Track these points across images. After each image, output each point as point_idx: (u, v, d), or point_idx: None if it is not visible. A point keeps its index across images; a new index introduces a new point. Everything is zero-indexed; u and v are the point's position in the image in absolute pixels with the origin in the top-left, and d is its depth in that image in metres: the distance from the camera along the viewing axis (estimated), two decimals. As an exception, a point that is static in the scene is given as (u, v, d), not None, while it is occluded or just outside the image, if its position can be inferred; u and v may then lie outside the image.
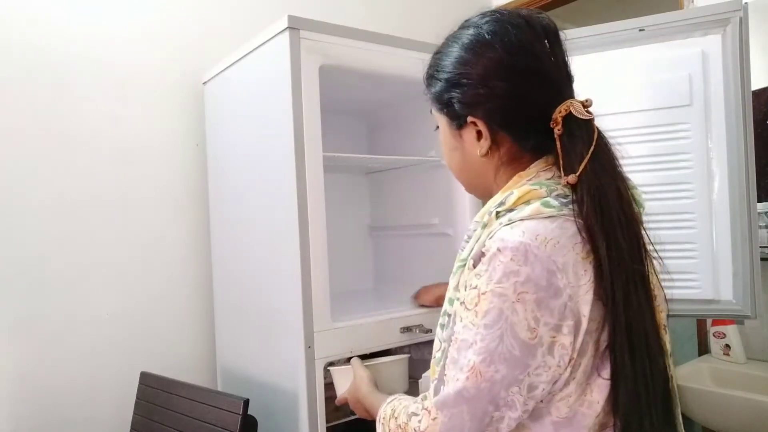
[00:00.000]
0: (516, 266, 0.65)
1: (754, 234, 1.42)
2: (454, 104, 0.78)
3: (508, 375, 0.66)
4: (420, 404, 0.74)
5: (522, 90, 0.74)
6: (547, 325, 0.65)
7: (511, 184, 0.76)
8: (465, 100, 0.77)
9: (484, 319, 0.66)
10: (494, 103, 0.75)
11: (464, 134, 0.80)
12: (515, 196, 0.73)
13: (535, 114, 0.74)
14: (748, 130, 1.41)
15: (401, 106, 1.83)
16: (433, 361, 0.79)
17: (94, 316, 1.58)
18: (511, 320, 0.65)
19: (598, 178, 0.69)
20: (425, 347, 1.52)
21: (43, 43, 1.52)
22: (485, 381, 0.66)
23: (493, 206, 0.75)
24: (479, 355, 0.66)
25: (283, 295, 1.33)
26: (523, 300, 0.65)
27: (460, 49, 0.77)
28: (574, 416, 0.68)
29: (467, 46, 0.77)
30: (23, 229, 1.48)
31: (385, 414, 0.83)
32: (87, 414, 1.55)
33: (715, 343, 1.93)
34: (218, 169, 1.68)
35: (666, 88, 1.48)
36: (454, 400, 0.68)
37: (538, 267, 0.65)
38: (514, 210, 0.72)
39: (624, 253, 0.67)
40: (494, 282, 0.66)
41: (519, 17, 0.76)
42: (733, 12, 1.41)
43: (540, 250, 0.66)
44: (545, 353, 0.66)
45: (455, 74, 0.77)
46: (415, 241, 1.84)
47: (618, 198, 0.69)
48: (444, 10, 2.28)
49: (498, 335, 0.65)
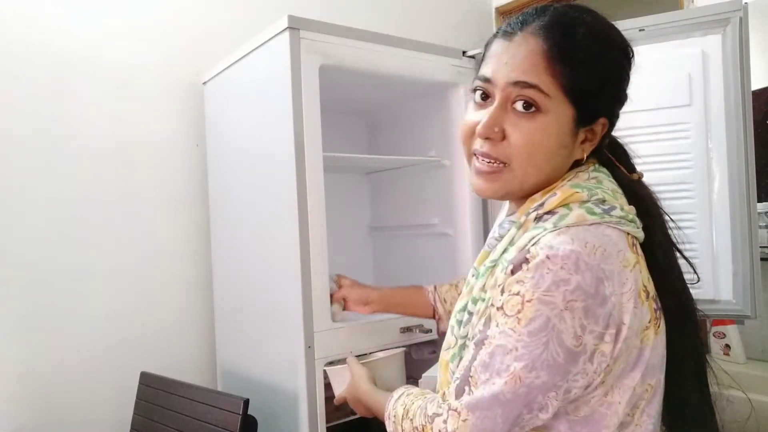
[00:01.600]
0: (567, 275, 0.64)
1: (754, 234, 1.42)
2: (600, 100, 0.74)
3: (548, 381, 0.65)
4: (442, 404, 0.72)
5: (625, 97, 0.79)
6: (593, 333, 0.65)
7: (554, 185, 0.75)
8: (609, 99, 0.76)
9: (528, 326, 0.65)
10: (620, 107, 0.78)
11: (581, 133, 0.75)
12: (558, 198, 0.72)
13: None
14: (748, 130, 1.41)
15: (401, 106, 1.83)
16: (446, 355, 0.78)
17: (93, 315, 1.58)
18: (558, 328, 0.64)
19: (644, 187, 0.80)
20: (425, 347, 1.52)
21: (43, 43, 1.52)
22: (524, 386, 0.65)
23: (533, 207, 0.74)
24: (521, 361, 0.65)
25: (283, 295, 1.33)
26: (572, 308, 0.64)
27: (611, 44, 0.75)
28: (591, 415, 0.69)
29: (617, 42, 0.75)
30: (22, 228, 1.48)
31: (396, 412, 0.81)
32: (87, 414, 1.55)
33: (715, 343, 1.93)
34: (218, 169, 1.68)
35: (666, 88, 1.48)
36: (488, 403, 0.67)
37: (588, 275, 0.65)
38: (555, 213, 0.71)
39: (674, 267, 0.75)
40: (542, 290, 0.65)
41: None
42: (733, 12, 1.41)
43: (590, 258, 0.65)
44: (586, 360, 0.66)
45: (614, 70, 0.75)
46: (415, 241, 1.84)
47: (658, 206, 0.80)
48: (444, 10, 2.28)
49: (543, 342, 0.65)
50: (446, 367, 0.78)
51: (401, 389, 0.86)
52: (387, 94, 1.74)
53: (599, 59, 0.72)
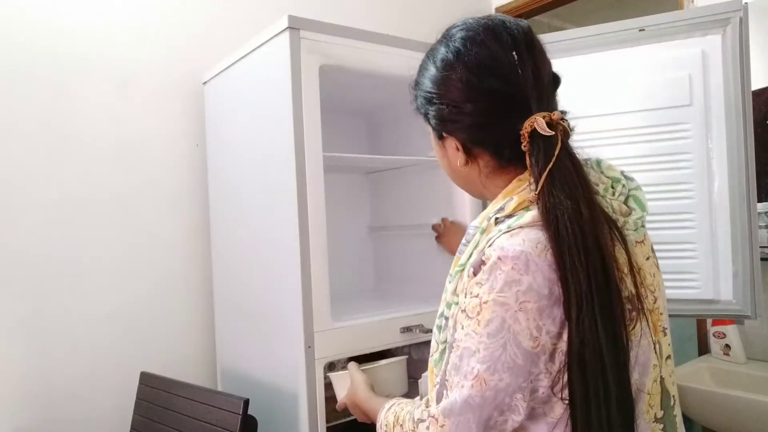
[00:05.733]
0: (517, 275, 0.65)
1: (754, 234, 1.42)
2: (430, 119, 0.81)
3: (512, 383, 0.66)
4: (425, 410, 0.73)
5: (488, 110, 0.74)
6: (549, 333, 0.65)
7: (511, 188, 0.75)
8: (438, 118, 0.78)
9: (486, 327, 0.66)
10: (463, 122, 0.76)
11: (445, 144, 0.82)
12: (515, 201, 0.72)
13: (505, 131, 0.73)
14: (748, 130, 1.41)
15: (401, 106, 1.80)
16: (431, 361, 0.79)
17: (94, 316, 1.58)
18: (513, 329, 0.65)
19: (552, 196, 0.67)
20: (425, 347, 1.52)
21: (43, 43, 1.52)
22: (490, 389, 0.66)
23: (492, 212, 0.75)
24: (483, 363, 0.66)
25: (283, 294, 1.33)
26: (525, 309, 0.65)
27: (432, 67, 0.79)
28: (567, 416, 0.68)
29: (437, 65, 0.78)
30: (23, 228, 1.48)
31: (387, 421, 0.83)
32: (87, 414, 1.55)
33: (715, 343, 1.93)
34: (218, 169, 1.68)
35: (666, 88, 1.48)
36: (460, 408, 0.68)
37: (539, 276, 0.65)
38: (514, 216, 0.71)
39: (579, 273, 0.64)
40: (496, 291, 0.66)
41: (487, 30, 0.74)
42: (733, 12, 1.41)
43: (541, 259, 0.66)
44: (547, 360, 0.66)
45: (428, 92, 0.79)
46: (415, 241, 1.84)
47: (575, 217, 0.66)
48: (444, 10, 2.27)
49: (501, 344, 0.65)
50: (432, 372, 0.79)
51: (392, 401, 0.88)
52: (387, 94, 1.74)
53: (418, 85, 0.82)
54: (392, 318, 1.41)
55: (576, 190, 0.68)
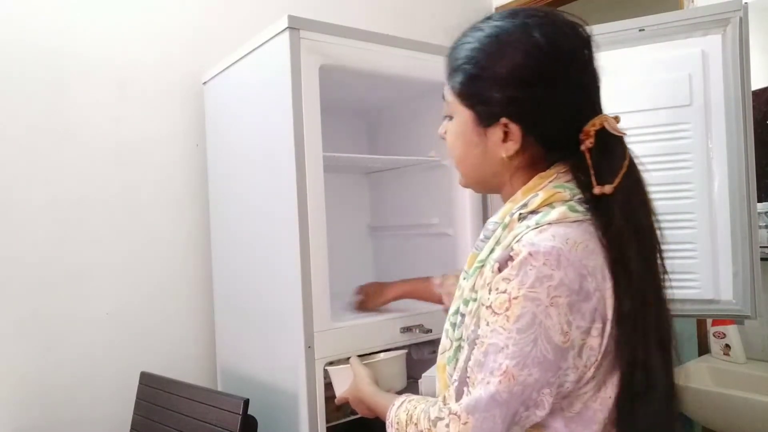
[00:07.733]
0: (549, 270, 0.66)
1: (754, 234, 1.42)
2: (490, 102, 0.75)
3: (540, 378, 0.66)
4: (443, 408, 0.72)
5: (562, 98, 0.73)
6: (579, 328, 0.66)
7: (532, 185, 0.76)
8: (504, 101, 0.74)
9: (516, 323, 0.66)
10: (533, 107, 0.73)
11: (490, 133, 0.76)
12: (540, 198, 0.73)
13: (569, 124, 0.73)
14: (748, 130, 1.41)
15: (401, 106, 1.83)
16: (443, 358, 0.78)
17: (94, 316, 1.58)
18: (545, 324, 0.65)
19: (629, 194, 0.71)
20: (425, 347, 1.52)
21: (43, 43, 1.52)
22: (518, 384, 0.66)
23: (516, 207, 0.75)
24: (512, 359, 0.66)
25: (283, 295, 1.33)
26: (557, 304, 0.65)
27: (506, 47, 0.73)
28: (585, 411, 0.70)
29: (516, 45, 0.73)
30: (22, 228, 1.48)
31: (399, 419, 0.81)
32: (87, 414, 1.55)
33: (715, 343, 1.93)
34: (218, 169, 1.68)
35: (666, 88, 1.48)
36: (486, 404, 0.67)
37: (570, 271, 0.66)
38: (539, 213, 0.72)
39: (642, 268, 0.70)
40: (527, 287, 0.66)
41: (568, 23, 0.75)
42: (733, 12, 1.41)
43: (572, 254, 0.67)
44: (575, 355, 0.67)
45: (500, 72, 0.73)
46: (415, 241, 1.84)
47: (647, 215, 0.72)
48: (444, 10, 2.28)
49: (532, 339, 0.66)
50: (443, 371, 0.78)
51: (402, 397, 0.86)
52: (387, 94, 1.74)
53: (483, 64, 0.75)
54: (392, 318, 1.41)
55: (646, 190, 0.74)
